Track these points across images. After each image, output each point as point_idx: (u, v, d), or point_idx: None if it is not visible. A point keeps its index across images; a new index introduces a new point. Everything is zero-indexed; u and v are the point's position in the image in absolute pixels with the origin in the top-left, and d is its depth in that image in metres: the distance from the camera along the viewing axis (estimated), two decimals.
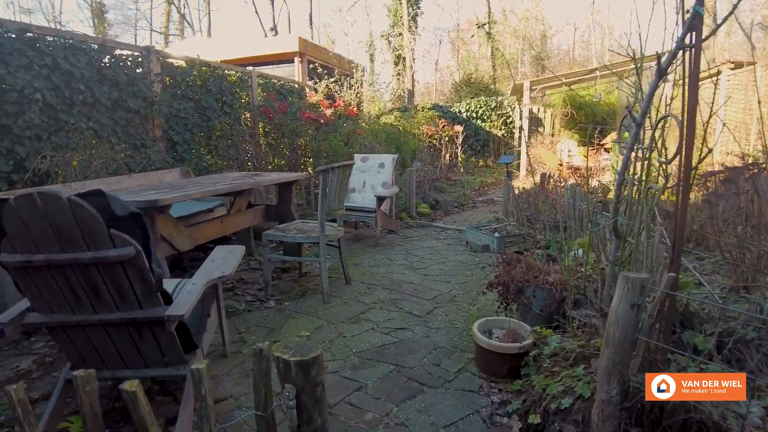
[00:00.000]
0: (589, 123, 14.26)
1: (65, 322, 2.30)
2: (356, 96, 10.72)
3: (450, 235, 6.47)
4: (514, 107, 15.85)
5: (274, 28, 23.33)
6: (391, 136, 10.21)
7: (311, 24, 21.47)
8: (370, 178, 6.34)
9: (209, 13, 24.82)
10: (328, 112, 8.08)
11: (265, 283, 4.18)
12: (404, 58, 16.95)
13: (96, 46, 5.79)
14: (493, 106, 16.14)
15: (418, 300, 4.00)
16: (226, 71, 7.89)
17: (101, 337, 2.38)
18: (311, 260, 4.37)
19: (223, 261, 2.79)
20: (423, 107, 13.42)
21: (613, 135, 10.59)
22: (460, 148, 11.88)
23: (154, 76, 6.50)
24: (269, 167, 8.65)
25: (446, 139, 11.71)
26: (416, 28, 18.08)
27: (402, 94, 16.25)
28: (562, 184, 7.58)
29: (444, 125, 11.57)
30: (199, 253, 5.75)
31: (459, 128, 11.80)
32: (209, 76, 7.41)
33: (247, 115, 8.46)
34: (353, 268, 4.92)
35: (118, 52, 6.11)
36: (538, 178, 9.38)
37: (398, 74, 16.67)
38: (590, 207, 3.56)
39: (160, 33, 24.32)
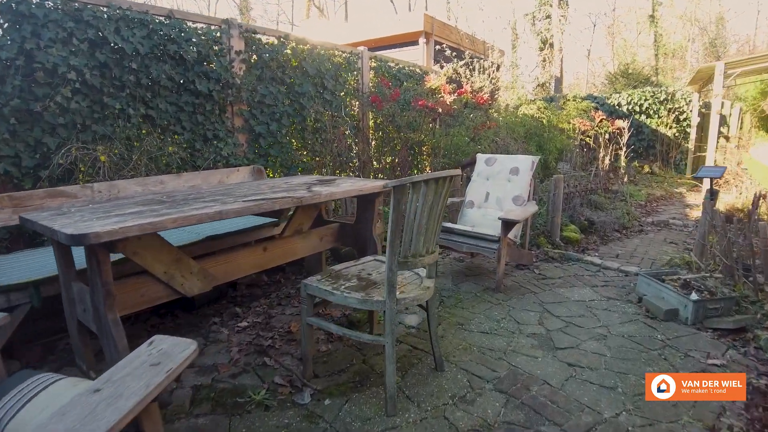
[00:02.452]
0: None
1: None
2: (491, 82, 8.84)
3: (610, 279, 4.39)
4: (690, 100, 12.67)
5: None
6: (531, 131, 8.18)
7: (448, 6, 19.65)
8: (497, 188, 4.51)
9: (345, 3, 24.23)
10: (449, 99, 6.35)
11: (303, 358, 2.62)
12: (551, 43, 14.49)
13: (162, 18, 4.75)
14: (662, 99, 13.07)
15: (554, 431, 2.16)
16: (328, 50, 6.53)
17: None
18: (371, 340, 2.43)
19: (90, 416, 1.22)
20: (575, 96, 11.03)
21: None
22: (624, 149, 9.34)
23: (235, 54, 5.35)
24: (378, 166, 7.19)
25: (605, 136, 9.29)
26: (567, 7, 15.49)
27: (547, 82, 13.87)
28: None
29: (602, 119, 9.17)
30: (261, 277, 4.42)
31: (622, 123, 9.29)
32: (306, 56, 6.09)
33: (354, 103, 7.07)
34: (455, 332, 3.18)
35: (191, 24, 5.03)
36: (733, 197, 6.76)
37: (544, 59, 14.27)
38: None
39: (299, 27, 24.30)
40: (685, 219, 7.09)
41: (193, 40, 4.94)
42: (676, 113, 12.85)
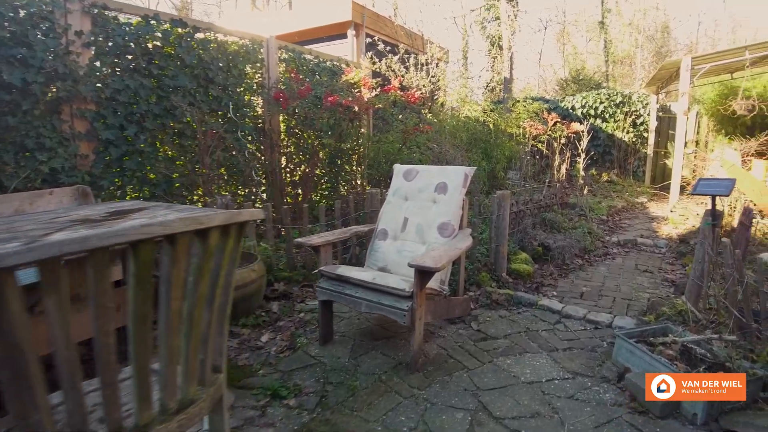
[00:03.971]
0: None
1: None
2: (430, 81, 7.67)
3: (575, 335, 3.19)
4: (647, 103, 11.92)
5: None
6: (475, 136, 7.03)
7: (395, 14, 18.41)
8: (418, 212, 3.24)
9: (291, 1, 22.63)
10: (368, 95, 5.10)
11: None
12: (500, 44, 13.50)
13: None
14: (618, 102, 12.24)
15: None
16: (216, 35, 5.19)
17: None
18: None
19: None
20: (525, 98, 10.00)
21: None
22: (583, 156, 8.27)
23: (75, 35, 3.96)
24: (294, 179, 5.87)
25: (561, 141, 8.21)
26: (516, 5, 14.60)
27: (497, 86, 12.83)
28: None
29: (555, 121, 8.10)
30: None
31: (580, 127, 8.24)
32: (183, 42, 4.73)
33: (260, 102, 5.75)
34: None
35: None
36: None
37: (494, 59, 13.24)
38: None
39: (220, 19, 22.56)
40: (655, 237, 6.04)
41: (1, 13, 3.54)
42: (633, 117, 12.08)
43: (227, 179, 5.36)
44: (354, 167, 6.73)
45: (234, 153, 5.23)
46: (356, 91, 5.25)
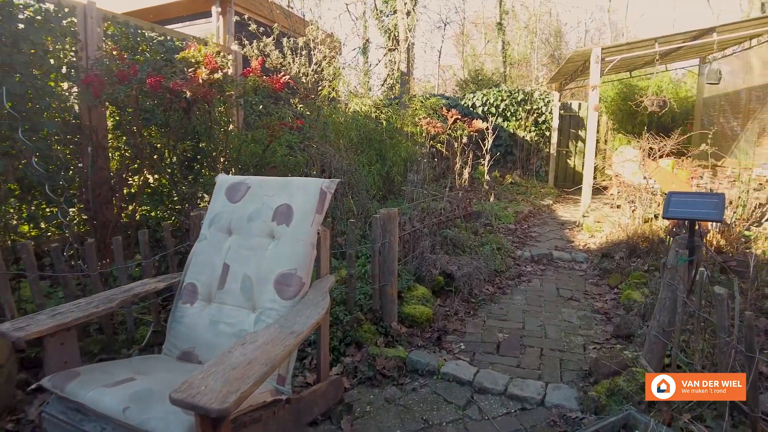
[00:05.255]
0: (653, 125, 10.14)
1: None
2: (314, 71, 6.49)
3: (495, 428, 2.13)
4: (549, 101, 11.59)
5: None
6: (368, 135, 5.94)
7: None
8: (246, 255, 2.01)
9: None
10: (205, 74, 3.81)
11: None
12: (397, 38, 12.58)
13: None
14: (519, 99, 11.79)
15: None
16: None
17: None
18: None
19: None
20: (424, 93, 9.06)
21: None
22: (488, 156, 7.40)
23: None
24: (133, 191, 4.40)
25: (461, 140, 7.33)
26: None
27: (396, 83, 11.89)
28: None
29: (455, 118, 7.19)
30: None
31: (483, 125, 7.38)
32: None
33: (65, 86, 4.25)
34: None
35: None
36: (640, 213, 5.05)
37: (390, 51, 12.29)
38: None
39: None
40: (571, 248, 5.29)
41: None
42: (535, 115, 11.70)
43: (21, 196, 3.83)
44: (219, 174, 5.36)
45: (36, 160, 3.72)
46: (190, 71, 3.92)
